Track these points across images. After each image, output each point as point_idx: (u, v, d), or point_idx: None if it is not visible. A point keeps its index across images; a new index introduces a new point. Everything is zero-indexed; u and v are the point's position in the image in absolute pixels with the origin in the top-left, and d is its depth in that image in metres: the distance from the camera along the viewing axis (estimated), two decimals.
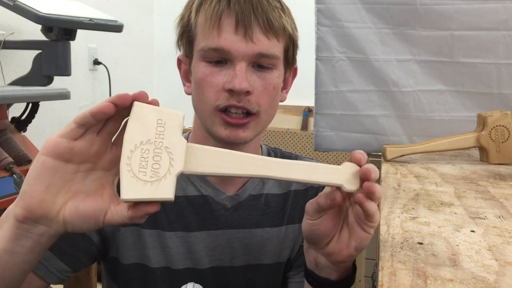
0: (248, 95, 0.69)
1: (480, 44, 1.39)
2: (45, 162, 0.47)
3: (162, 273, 0.75)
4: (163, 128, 0.47)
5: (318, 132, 1.55)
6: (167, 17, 3.09)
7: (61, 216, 0.49)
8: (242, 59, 0.68)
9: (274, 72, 0.72)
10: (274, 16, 0.69)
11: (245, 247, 0.77)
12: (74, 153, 0.48)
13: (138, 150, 0.46)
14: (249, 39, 0.67)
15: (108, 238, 0.75)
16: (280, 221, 0.80)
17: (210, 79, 0.69)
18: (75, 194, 0.49)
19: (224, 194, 0.77)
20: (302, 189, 0.82)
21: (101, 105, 0.46)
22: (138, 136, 0.46)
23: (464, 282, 0.47)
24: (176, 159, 0.47)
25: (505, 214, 0.71)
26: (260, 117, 0.72)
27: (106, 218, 0.49)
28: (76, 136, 0.47)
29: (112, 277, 0.79)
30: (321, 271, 0.62)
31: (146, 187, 0.46)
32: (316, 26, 1.49)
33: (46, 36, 1.61)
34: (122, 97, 0.47)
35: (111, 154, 0.51)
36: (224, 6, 0.68)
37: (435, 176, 1.00)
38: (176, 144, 0.47)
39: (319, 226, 0.58)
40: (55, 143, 0.47)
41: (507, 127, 1.14)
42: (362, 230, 0.56)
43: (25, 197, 0.48)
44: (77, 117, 0.47)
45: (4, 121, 1.42)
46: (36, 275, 0.67)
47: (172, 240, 0.75)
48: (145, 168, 0.46)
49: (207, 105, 0.70)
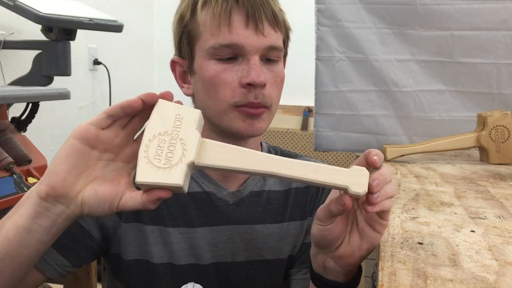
0: (264, 88, 0.71)
1: (480, 44, 1.39)
2: (73, 145, 0.51)
3: (164, 269, 0.75)
4: (180, 122, 0.51)
5: (318, 132, 1.55)
6: (167, 17, 3.07)
7: (80, 197, 0.52)
8: (256, 52, 0.70)
9: (279, 64, 0.74)
10: (277, 10, 0.72)
11: (247, 243, 0.78)
12: (99, 141, 0.52)
13: (156, 140, 0.50)
14: (260, 33, 0.69)
15: (109, 235, 0.75)
16: (281, 218, 0.80)
17: (223, 76, 0.70)
18: (94, 179, 0.53)
19: (226, 190, 0.78)
20: (302, 186, 0.82)
21: (131, 100, 0.51)
22: (157, 128, 0.51)
23: (464, 282, 0.47)
24: (188, 150, 0.51)
25: (505, 214, 0.71)
26: (271, 110, 0.74)
27: (121, 202, 0.53)
28: (104, 125, 0.52)
29: (114, 274, 0.80)
30: (328, 274, 0.62)
31: (159, 172, 0.50)
32: (316, 26, 1.49)
33: (46, 36, 1.61)
34: (150, 95, 0.51)
35: (132, 148, 0.55)
36: (233, 2, 0.69)
37: (435, 176, 1.00)
38: (190, 136, 0.51)
39: (331, 231, 0.57)
40: (84, 129, 0.51)
41: (507, 127, 1.14)
42: (373, 230, 0.56)
43: (50, 175, 0.52)
44: (108, 109, 0.52)
45: (4, 121, 1.42)
46: (36, 268, 0.68)
47: (175, 236, 0.75)
48: (160, 156, 0.50)
49: (222, 102, 0.71)
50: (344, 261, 0.58)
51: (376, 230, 0.56)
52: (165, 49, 2.99)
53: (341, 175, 0.52)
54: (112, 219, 0.74)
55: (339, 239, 0.58)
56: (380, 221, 0.55)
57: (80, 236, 0.73)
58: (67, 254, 0.71)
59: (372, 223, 0.56)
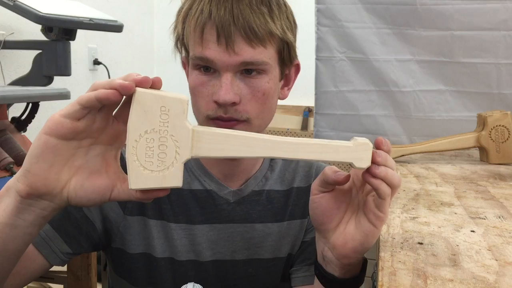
0: (235, 105, 0.69)
1: (480, 44, 1.40)
2: (48, 142, 0.48)
3: (166, 263, 0.76)
4: (167, 116, 0.46)
5: (318, 132, 1.55)
6: (167, 17, 3.07)
7: (65, 192, 0.50)
8: (227, 69, 0.68)
9: (263, 77, 0.71)
10: (258, 24, 0.67)
11: (246, 241, 0.79)
12: (76, 132, 0.48)
13: (143, 140, 0.46)
14: (231, 50, 0.67)
15: (112, 229, 0.76)
16: (281, 217, 0.81)
17: (200, 88, 0.71)
18: (78, 170, 0.51)
19: (227, 189, 0.78)
20: (304, 186, 0.83)
21: (107, 93, 0.46)
22: (142, 125, 0.46)
23: (464, 282, 0.47)
24: (182, 146, 0.47)
25: (505, 214, 0.71)
26: (251, 123, 0.71)
27: (113, 195, 0.51)
28: (80, 116, 0.48)
29: (116, 269, 0.80)
30: (327, 265, 0.63)
31: (154, 176, 0.46)
32: (316, 26, 1.49)
33: (46, 36, 1.61)
34: (125, 87, 0.46)
35: (113, 128, 0.51)
36: (206, 17, 0.67)
37: (435, 176, 1.00)
38: (181, 131, 0.47)
39: (318, 204, 0.59)
40: (58, 123, 0.48)
41: (507, 127, 1.14)
42: (368, 221, 0.56)
43: (28, 175, 0.49)
44: (82, 99, 0.47)
45: (4, 121, 1.42)
46: (41, 254, 0.70)
47: (176, 232, 0.76)
48: (151, 157, 0.46)
49: (199, 113, 0.72)
50: (338, 252, 0.59)
51: (371, 221, 0.56)
52: (165, 49, 3.00)
53: (344, 152, 0.52)
54: (115, 213, 0.75)
55: (328, 217, 0.59)
56: (376, 212, 0.55)
57: (84, 226, 0.73)
58: (71, 242, 0.72)
59: (368, 213, 0.56)
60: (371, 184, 0.54)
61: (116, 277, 0.81)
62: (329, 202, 0.59)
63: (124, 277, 0.79)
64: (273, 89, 0.73)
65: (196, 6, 0.69)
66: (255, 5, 0.68)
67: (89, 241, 0.75)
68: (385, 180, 0.53)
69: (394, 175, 0.54)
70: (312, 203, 0.60)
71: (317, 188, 0.59)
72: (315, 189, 0.59)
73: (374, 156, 0.53)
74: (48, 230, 0.70)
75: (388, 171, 0.53)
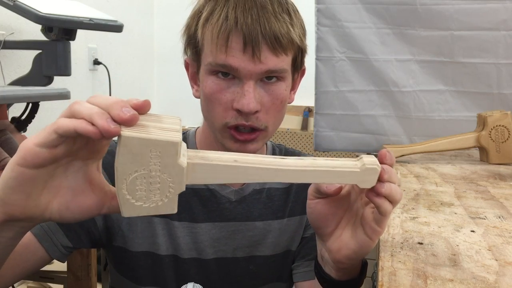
0: (257, 113, 0.69)
1: (480, 44, 1.39)
2: (24, 173, 0.44)
3: (169, 260, 0.77)
4: (159, 157, 0.43)
5: (318, 132, 1.55)
6: (167, 17, 3.09)
7: (48, 214, 0.47)
8: (250, 77, 0.67)
9: (282, 84, 0.71)
10: (282, 33, 0.67)
11: (247, 239, 0.79)
12: (54, 159, 0.45)
13: (133, 178, 0.43)
14: (257, 59, 0.66)
15: (113, 226, 0.76)
16: (282, 214, 0.82)
17: (218, 95, 0.69)
18: (59, 190, 0.47)
19: (229, 188, 0.79)
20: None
21: (88, 131, 0.42)
22: (131, 166, 0.42)
23: (464, 282, 0.47)
24: (176, 182, 0.44)
25: (505, 214, 0.71)
26: (267, 131, 0.72)
27: (103, 212, 0.49)
28: (57, 144, 0.44)
29: (118, 268, 0.80)
30: (325, 265, 0.63)
31: (147, 206, 0.44)
32: (316, 26, 1.49)
33: (46, 36, 1.61)
34: (108, 132, 0.41)
35: (94, 144, 0.47)
36: (232, 25, 0.66)
37: (435, 176, 1.00)
38: (175, 169, 0.44)
39: (313, 209, 0.59)
40: (34, 154, 0.43)
41: (507, 127, 1.14)
42: (364, 233, 0.55)
43: (4, 205, 0.46)
44: (59, 128, 0.42)
45: (4, 121, 1.41)
46: (42, 246, 0.70)
47: (180, 230, 0.77)
48: (143, 191, 0.44)
49: (216, 120, 0.71)
50: (333, 256, 0.59)
51: (367, 234, 0.54)
52: (165, 49, 3.01)
53: (350, 176, 0.50)
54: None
55: (324, 222, 0.58)
56: (373, 226, 0.54)
57: (85, 221, 0.73)
58: (71, 236, 0.73)
59: (365, 225, 0.55)
60: (374, 202, 0.52)
61: (118, 276, 0.81)
62: (325, 207, 0.58)
63: (126, 276, 0.79)
64: (288, 96, 0.74)
65: (219, 11, 0.67)
66: (279, 13, 0.68)
67: (89, 236, 0.75)
68: (388, 198, 0.51)
69: (397, 191, 0.52)
70: (308, 207, 0.60)
71: (312, 194, 0.59)
72: (310, 194, 0.59)
73: (381, 174, 0.51)
74: (50, 223, 0.70)
75: (392, 188, 0.51)
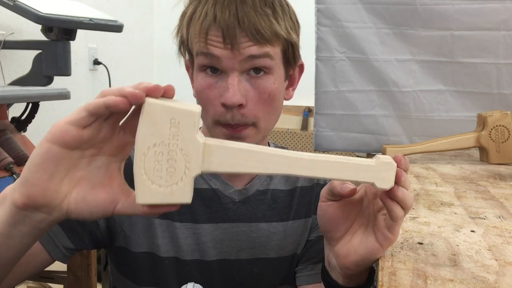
0: (242, 108, 0.69)
1: (480, 44, 1.39)
2: (50, 150, 0.45)
3: (170, 262, 0.76)
4: (177, 129, 0.44)
5: (318, 132, 1.55)
6: (167, 17, 3.09)
7: (65, 205, 0.47)
8: (234, 69, 0.68)
9: (269, 77, 0.70)
10: (263, 25, 0.67)
11: (251, 241, 0.79)
12: (81, 141, 0.46)
13: (152, 153, 0.44)
14: (236, 51, 0.67)
15: (115, 227, 0.76)
16: (286, 216, 0.81)
17: (207, 92, 0.70)
18: (80, 182, 0.48)
19: (233, 188, 0.78)
20: (308, 185, 0.83)
21: (116, 100, 0.44)
22: (151, 138, 0.44)
23: (464, 282, 0.47)
24: (192, 161, 0.45)
25: (505, 214, 0.71)
26: (258, 126, 0.72)
27: (116, 209, 0.48)
28: (86, 124, 0.45)
29: (119, 268, 0.80)
30: (332, 271, 0.62)
31: (162, 191, 0.44)
32: (316, 26, 1.49)
33: (46, 36, 1.61)
34: (135, 96, 0.44)
35: (118, 139, 0.49)
36: (211, 21, 0.67)
37: (435, 176, 1.00)
38: (192, 144, 0.44)
39: (325, 212, 0.57)
40: (63, 131, 0.45)
41: (507, 127, 1.14)
42: (375, 239, 0.54)
43: (26, 185, 0.46)
44: (90, 106, 0.44)
45: (4, 121, 1.42)
46: (44, 248, 0.70)
47: (181, 231, 0.76)
48: (160, 171, 0.44)
49: (208, 117, 0.72)
50: (340, 261, 0.58)
51: (379, 240, 0.54)
52: (165, 49, 3.00)
53: (366, 171, 0.49)
54: None
55: (335, 226, 0.57)
56: (385, 232, 0.53)
57: (88, 223, 0.73)
58: (73, 238, 0.72)
59: (377, 231, 0.54)
60: (386, 205, 0.52)
61: (119, 276, 0.81)
62: (337, 211, 0.57)
63: (127, 276, 0.79)
64: (279, 89, 0.73)
65: (200, 10, 0.69)
66: (259, 7, 0.68)
67: (92, 238, 0.75)
68: (401, 203, 0.51)
69: (410, 197, 0.52)
70: (319, 210, 0.58)
71: (325, 195, 0.57)
72: (323, 196, 0.58)
73: (399, 176, 0.50)
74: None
75: (405, 193, 0.51)
